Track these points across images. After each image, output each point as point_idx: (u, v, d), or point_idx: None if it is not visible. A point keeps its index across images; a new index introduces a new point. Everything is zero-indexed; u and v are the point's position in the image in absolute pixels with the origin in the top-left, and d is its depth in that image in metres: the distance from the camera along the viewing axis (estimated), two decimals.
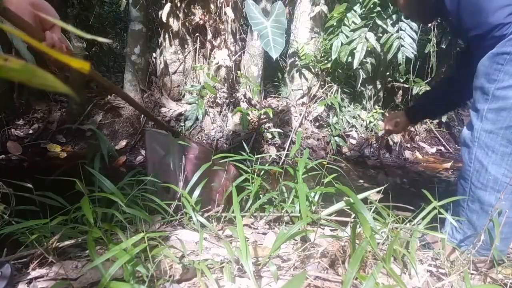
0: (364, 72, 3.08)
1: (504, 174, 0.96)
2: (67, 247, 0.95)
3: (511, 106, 0.92)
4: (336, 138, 3.06)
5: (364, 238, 0.71)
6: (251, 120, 3.00)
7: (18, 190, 1.28)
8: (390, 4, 2.71)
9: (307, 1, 3.19)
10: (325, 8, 3.11)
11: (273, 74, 3.88)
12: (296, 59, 3.32)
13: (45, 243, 0.90)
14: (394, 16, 2.82)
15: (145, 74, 3.16)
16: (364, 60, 2.95)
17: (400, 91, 3.46)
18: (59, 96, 3.35)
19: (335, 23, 3.00)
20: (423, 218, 1.08)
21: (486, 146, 0.98)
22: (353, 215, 0.97)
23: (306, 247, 0.91)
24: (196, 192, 1.18)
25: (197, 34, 3.03)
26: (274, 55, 2.22)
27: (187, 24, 2.98)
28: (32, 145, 2.67)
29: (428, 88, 3.13)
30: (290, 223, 1.26)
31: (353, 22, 2.90)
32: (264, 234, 1.13)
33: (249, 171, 1.38)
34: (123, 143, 2.79)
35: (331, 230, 1.18)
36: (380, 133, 3.15)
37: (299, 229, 0.85)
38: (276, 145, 2.97)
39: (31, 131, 2.82)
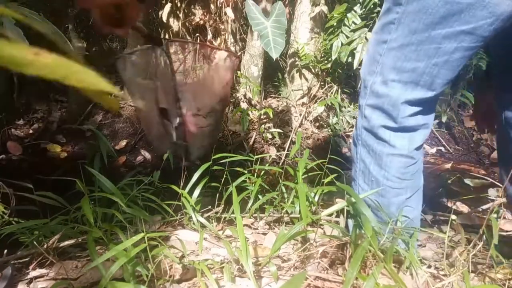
0: None
1: (385, 176, 0.89)
2: (67, 247, 0.95)
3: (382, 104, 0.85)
4: (336, 138, 3.06)
5: (365, 238, 0.71)
6: (251, 120, 2.99)
7: (18, 190, 1.28)
8: None
9: (307, 1, 3.19)
10: (325, 8, 3.10)
11: (273, 74, 3.88)
12: (296, 59, 3.32)
13: (45, 243, 0.90)
14: None
15: None
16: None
17: None
18: (59, 96, 3.35)
19: (335, 23, 3.00)
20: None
21: (367, 145, 0.91)
22: None
23: (306, 247, 0.91)
24: None
25: (197, 34, 3.03)
26: (274, 55, 2.22)
27: (187, 24, 2.97)
28: (32, 145, 2.66)
29: None
30: (290, 223, 1.26)
31: (353, 22, 2.90)
32: (264, 234, 1.13)
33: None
34: (123, 143, 2.78)
35: (331, 230, 1.18)
36: None
37: (299, 229, 0.85)
38: (276, 145, 2.97)
39: (31, 131, 2.82)
